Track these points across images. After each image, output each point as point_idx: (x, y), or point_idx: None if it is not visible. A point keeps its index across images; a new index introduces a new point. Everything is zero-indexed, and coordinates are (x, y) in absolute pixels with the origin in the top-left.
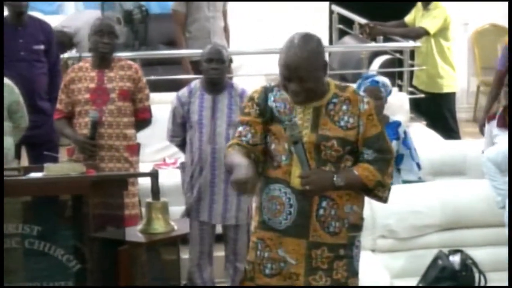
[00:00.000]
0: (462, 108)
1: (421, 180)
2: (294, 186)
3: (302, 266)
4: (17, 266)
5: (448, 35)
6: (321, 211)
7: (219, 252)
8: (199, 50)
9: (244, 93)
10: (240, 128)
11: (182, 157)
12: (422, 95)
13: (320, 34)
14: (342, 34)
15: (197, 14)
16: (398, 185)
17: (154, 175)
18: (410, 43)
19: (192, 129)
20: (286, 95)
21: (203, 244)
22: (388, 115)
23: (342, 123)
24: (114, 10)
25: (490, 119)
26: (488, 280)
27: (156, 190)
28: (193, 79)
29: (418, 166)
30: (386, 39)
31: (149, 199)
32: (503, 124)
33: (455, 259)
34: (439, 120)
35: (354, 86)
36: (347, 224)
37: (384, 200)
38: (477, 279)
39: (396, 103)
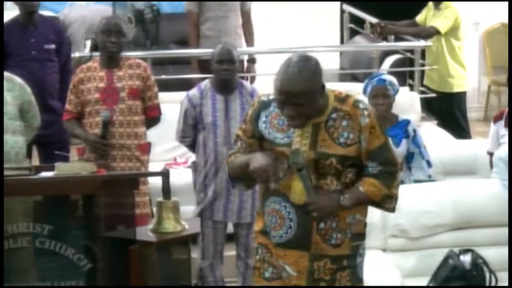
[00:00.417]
0: (472, 107)
1: (431, 178)
2: (295, 202)
3: (303, 278)
4: (28, 265)
5: (459, 35)
6: (321, 225)
7: (228, 251)
8: (209, 50)
9: (254, 92)
10: (238, 143)
11: (193, 156)
12: (433, 95)
13: (331, 33)
14: (353, 33)
15: (208, 14)
16: (409, 184)
17: (165, 174)
18: (421, 43)
19: (205, 130)
20: None
21: (216, 243)
22: (397, 114)
23: (342, 140)
24: (125, 10)
25: (496, 119)
26: (498, 279)
27: (167, 189)
28: (203, 79)
29: (429, 164)
30: (397, 39)
31: (160, 199)
32: None
33: (466, 259)
34: (450, 119)
35: (355, 97)
36: (350, 234)
37: (391, 210)
38: (487, 279)
39: (407, 103)
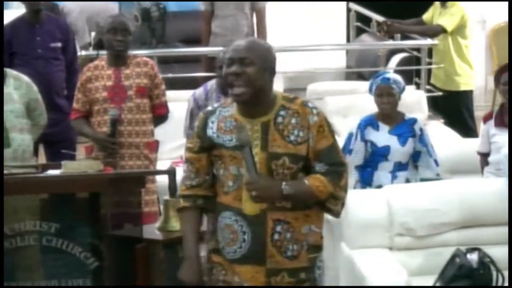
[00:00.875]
0: (479, 106)
1: (439, 177)
2: (247, 212)
3: None
4: (34, 263)
5: (465, 33)
6: (276, 236)
7: None
8: (215, 48)
9: None
10: (186, 166)
11: None
12: (440, 93)
13: (337, 32)
14: (359, 32)
15: (219, 12)
16: (415, 182)
17: (171, 173)
18: (428, 41)
19: None
20: (232, 111)
21: None
22: (403, 112)
23: (293, 138)
24: (131, 8)
25: (486, 119)
26: (505, 278)
27: (173, 187)
28: (209, 78)
29: (436, 163)
30: (404, 37)
31: (166, 197)
32: (501, 123)
33: (473, 257)
34: (457, 118)
35: (303, 98)
36: (306, 246)
37: (336, 214)
38: (494, 277)
39: (413, 101)
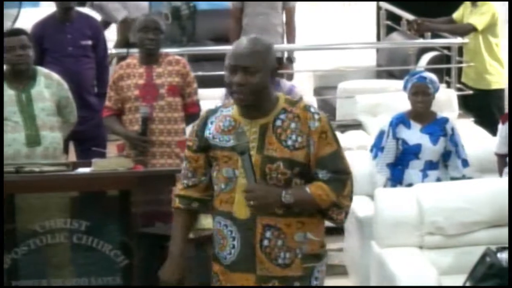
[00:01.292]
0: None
1: (466, 177)
2: (237, 216)
3: None
4: (64, 260)
5: (496, 31)
6: (265, 242)
7: None
8: None
9: (292, 90)
10: (184, 163)
11: None
12: (470, 92)
13: (367, 31)
14: (389, 30)
15: (249, 10)
16: (446, 181)
17: None
18: (458, 40)
19: None
20: (231, 111)
21: None
22: (435, 112)
23: (290, 143)
24: (162, 6)
25: (505, 119)
26: None
27: None
28: None
29: (465, 163)
30: (434, 36)
31: None
32: None
33: (503, 256)
34: (487, 116)
35: (307, 102)
36: (301, 254)
37: (339, 222)
38: None
39: (444, 100)
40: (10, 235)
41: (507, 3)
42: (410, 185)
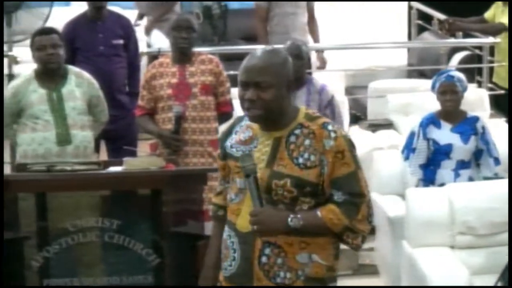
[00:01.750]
0: None
1: (498, 175)
2: (239, 228)
3: None
4: (96, 259)
5: None
6: (263, 259)
7: None
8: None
9: (324, 89)
10: (219, 174)
11: None
12: (502, 92)
13: (399, 30)
14: (421, 30)
15: (277, 9)
16: (478, 181)
17: None
18: (490, 39)
19: None
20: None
21: None
22: (465, 111)
23: (301, 160)
24: (193, 6)
25: None
26: None
27: None
28: None
29: (497, 161)
30: (466, 35)
31: None
32: None
33: None
34: None
35: (327, 119)
36: (304, 276)
37: (356, 247)
38: None
39: (475, 99)
40: (42, 234)
41: None
42: (442, 185)
